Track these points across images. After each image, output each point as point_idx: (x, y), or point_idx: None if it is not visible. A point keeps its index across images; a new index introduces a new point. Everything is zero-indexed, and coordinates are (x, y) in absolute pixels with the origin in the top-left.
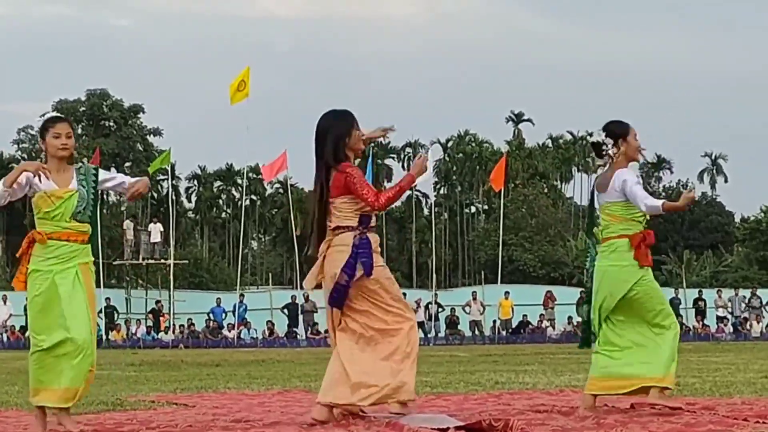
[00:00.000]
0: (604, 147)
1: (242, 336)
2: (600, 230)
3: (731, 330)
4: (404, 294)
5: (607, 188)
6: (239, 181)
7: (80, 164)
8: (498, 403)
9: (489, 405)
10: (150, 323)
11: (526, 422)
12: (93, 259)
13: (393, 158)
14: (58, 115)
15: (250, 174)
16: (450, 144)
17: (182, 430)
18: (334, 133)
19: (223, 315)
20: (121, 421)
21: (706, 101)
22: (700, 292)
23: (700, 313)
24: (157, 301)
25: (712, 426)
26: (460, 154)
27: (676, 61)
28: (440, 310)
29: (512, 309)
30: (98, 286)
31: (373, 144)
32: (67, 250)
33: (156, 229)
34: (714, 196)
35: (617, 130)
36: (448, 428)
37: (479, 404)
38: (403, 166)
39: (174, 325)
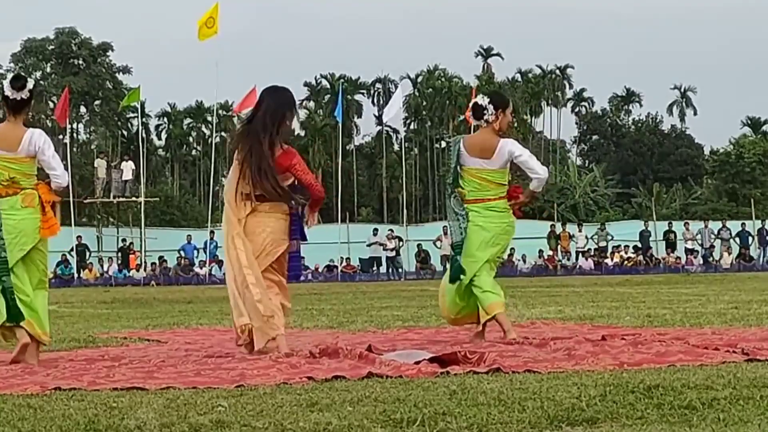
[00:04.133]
0: (485, 112)
1: (213, 273)
2: (465, 190)
3: (701, 262)
4: (376, 230)
5: (492, 154)
6: (209, 118)
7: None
8: (469, 336)
9: (461, 338)
10: (120, 261)
11: (499, 354)
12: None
13: (363, 94)
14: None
15: (220, 111)
16: (419, 79)
17: (155, 365)
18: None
19: (195, 252)
20: (92, 357)
21: (676, 33)
22: (669, 224)
23: (671, 245)
24: (123, 240)
25: (682, 355)
26: (430, 90)
27: None
28: (402, 243)
29: None
30: (69, 224)
31: (342, 80)
32: None
33: (128, 167)
34: (683, 129)
35: (500, 102)
36: (420, 361)
37: (451, 337)
38: (373, 102)
39: (145, 262)
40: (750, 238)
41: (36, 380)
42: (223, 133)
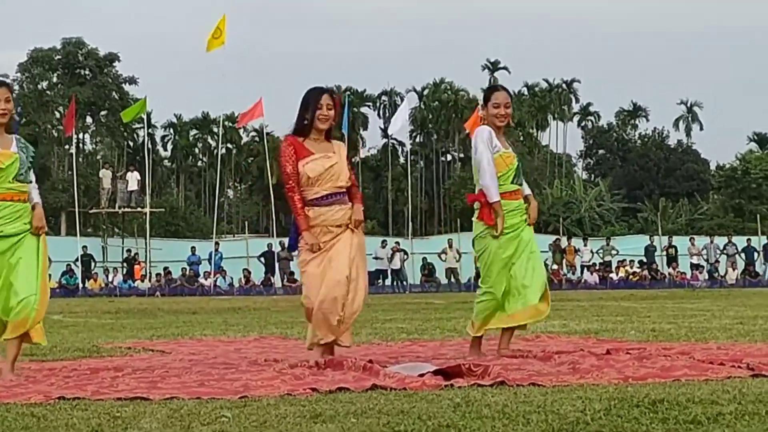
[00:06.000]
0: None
1: (218, 284)
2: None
3: (706, 277)
4: (384, 242)
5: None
6: (215, 130)
7: (19, 137)
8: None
9: (465, 351)
10: (125, 272)
11: (503, 367)
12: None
13: (369, 106)
14: None
15: (226, 122)
16: (426, 92)
17: (158, 376)
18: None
19: (199, 263)
20: (96, 367)
21: (682, 49)
22: (670, 239)
23: (671, 260)
24: (128, 250)
25: (687, 370)
26: (436, 102)
27: (653, 7)
28: (407, 257)
29: None
30: (74, 234)
31: (348, 92)
32: (11, 210)
33: (133, 178)
34: (689, 144)
35: (485, 94)
36: (424, 374)
37: (455, 350)
38: (379, 114)
39: (150, 273)
40: (756, 254)
41: (40, 389)
42: (228, 145)
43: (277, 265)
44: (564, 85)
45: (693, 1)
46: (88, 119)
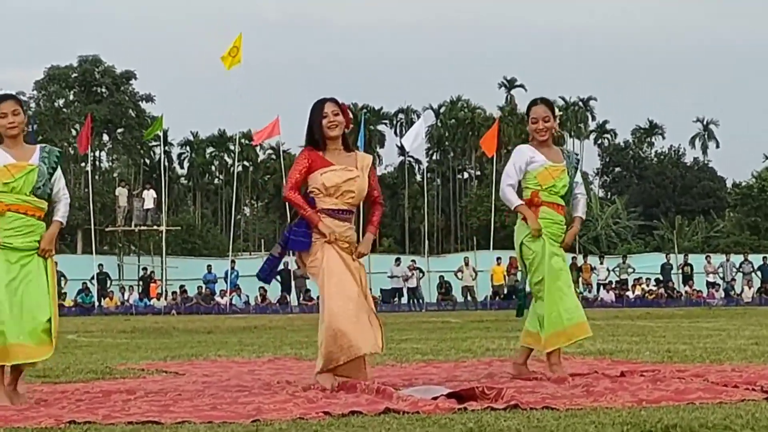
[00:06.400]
0: None
1: (234, 302)
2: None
3: (722, 295)
4: (398, 259)
5: None
6: (231, 147)
7: (45, 145)
8: (488, 371)
9: (479, 372)
10: (141, 290)
11: (517, 390)
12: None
13: (385, 124)
14: (3, 93)
15: (243, 140)
16: (442, 110)
17: (171, 399)
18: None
19: (215, 281)
20: (109, 389)
21: (699, 66)
22: (686, 257)
23: (687, 278)
24: (144, 268)
25: (701, 393)
26: (453, 120)
27: (669, 25)
28: (423, 275)
29: (504, 275)
30: (90, 252)
31: (365, 110)
32: (23, 223)
33: (149, 196)
34: (706, 162)
35: (526, 110)
36: (438, 397)
37: (469, 372)
38: (395, 132)
39: (166, 291)
40: None
41: (51, 413)
42: (245, 162)
43: (293, 283)
44: (580, 103)
45: (711, 18)
46: (105, 137)
